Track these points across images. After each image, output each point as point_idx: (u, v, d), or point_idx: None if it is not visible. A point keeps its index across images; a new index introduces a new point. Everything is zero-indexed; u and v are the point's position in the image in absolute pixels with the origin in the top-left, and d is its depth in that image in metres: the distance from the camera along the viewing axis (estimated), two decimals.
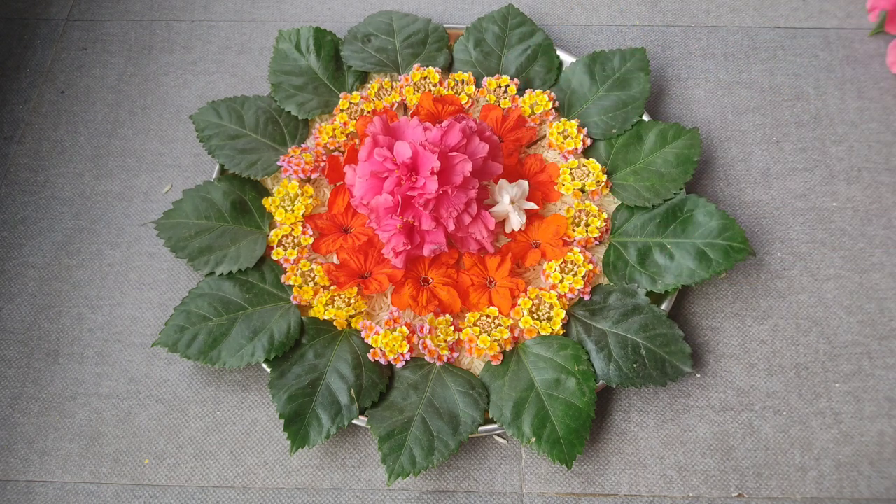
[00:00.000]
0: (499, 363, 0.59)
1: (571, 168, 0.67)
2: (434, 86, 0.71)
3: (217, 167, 0.69)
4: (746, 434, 0.59)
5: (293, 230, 0.64)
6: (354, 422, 0.57)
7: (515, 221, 0.63)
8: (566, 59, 0.74)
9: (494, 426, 0.57)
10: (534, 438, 0.55)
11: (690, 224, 0.63)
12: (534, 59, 0.73)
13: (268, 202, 0.66)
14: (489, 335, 0.59)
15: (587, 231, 0.64)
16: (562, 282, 0.61)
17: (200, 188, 0.66)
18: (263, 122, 0.70)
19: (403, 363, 0.59)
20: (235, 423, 0.60)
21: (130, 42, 0.81)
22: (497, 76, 0.71)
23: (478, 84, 0.72)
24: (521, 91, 0.72)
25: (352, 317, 0.61)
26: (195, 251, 0.63)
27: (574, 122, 0.68)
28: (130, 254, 0.68)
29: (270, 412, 0.61)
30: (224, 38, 0.81)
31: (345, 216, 0.65)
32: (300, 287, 0.62)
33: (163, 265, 0.68)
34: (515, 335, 0.60)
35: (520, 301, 0.61)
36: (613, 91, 0.71)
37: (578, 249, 0.63)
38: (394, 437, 0.56)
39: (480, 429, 0.57)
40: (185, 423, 0.61)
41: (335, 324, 0.61)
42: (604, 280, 0.63)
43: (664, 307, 0.61)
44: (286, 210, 0.65)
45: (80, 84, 0.78)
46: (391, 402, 0.58)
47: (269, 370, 0.59)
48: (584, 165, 0.67)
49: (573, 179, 0.66)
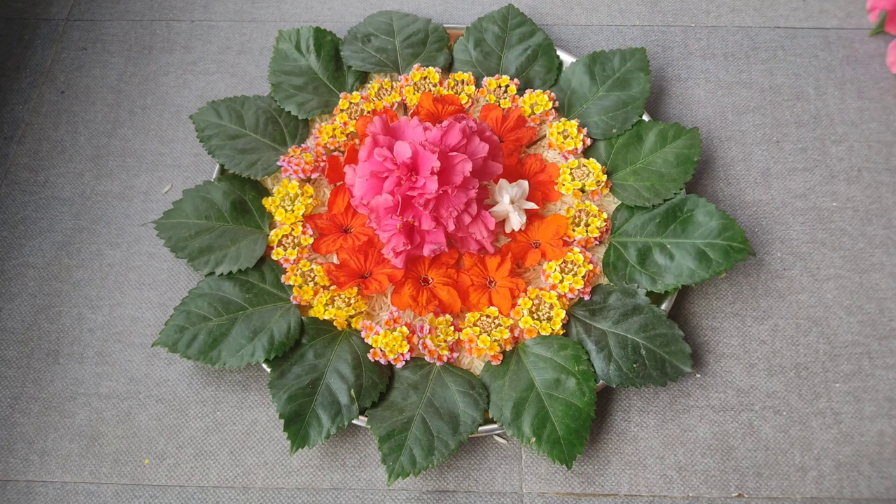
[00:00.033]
0: (499, 363, 0.59)
1: (571, 168, 0.67)
2: (434, 86, 0.71)
3: (217, 167, 0.69)
4: (746, 434, 0.59)
5: (293, 230, 0.64)
6: (354, 422, 0.57)
7: (515, 221, 0.63)
8: (566, 59, 0.74)
9: (494, 426, 0.57)
10: (534, 438, 0.55)
11: (690, 224, 0.63)
12: (534, 59, 0.73)
13: (268, 202, 0.66)
14: (489, 335, 0.59)
15: (587, 231, 0.64)
16: (562, 282, 0.61)
17: (200, 188, 0.66)
18: (263, 122, 0.70)
19: (403, 363, 0.59)
20: (235, 423, 0.60)
21: (130, 42, 0.81)
22: (497, 76, 0.71)
23: (478, 84, 0.72)
24: (521, 91, 0.72)
25: (352, 317, 0.61)
26: (195, 251, 0.63)
27: (574, 122, 0.68)
28: (130, 254, 0.68)
29: (270, 412, 0.61)
30: (224, 38, 0.81)
31: (345, 216, 0.65)
32: (300, 287, 0.62)
33: (163, 265, 0.68)
34: (515, 335, 0.60)
35: (520, 301, 0.61)
36: (613, 91, 0.71)
37: (578, 249, 0.63)
38: (394, 437, 0.56)
39: (480, 429, 0.57)
40: (185, 423, 0.61)
41: (335, 324, 0.61)
42: (604, 280, 0.63)
43: (664, 307, 0.61)
44: (286, 210, 0.65)
45: (80, 84, 0.78)
46: (391, 402, 0.58)
47: (269, 370, 0.59)
48: (584, 165, 0.67)
49: (573, 179, 0.66)
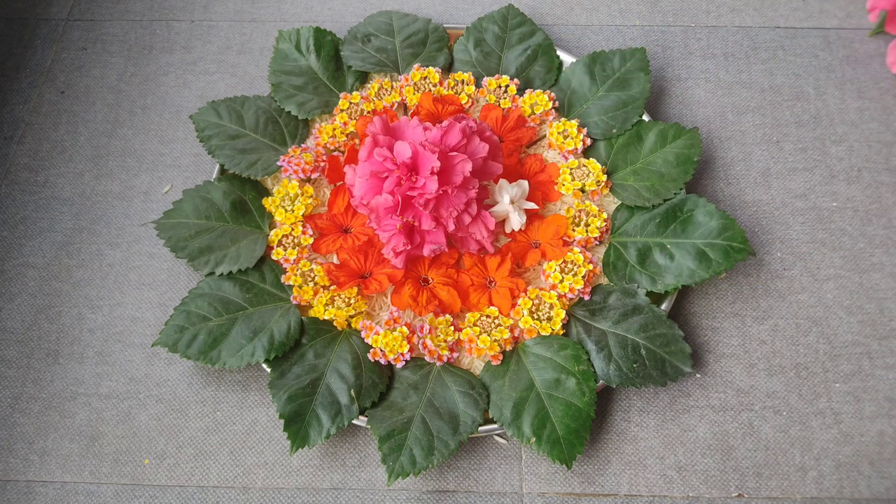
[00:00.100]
0: (499, 363, 0.59)
1: (571, 168, 0.67)
2: (434, 86, 0.71)
3: (217, 167, 0.69)
4: (746, 434, 0.59)
5: (293, 230, 0.64)
6: (354, 422, 0.57)
7: (515, 221, 0.63)
8: (566, 59, 0.74)
9: (494, 426, 0.57)
10: (534, 438, 0.55)
11: (690, 224, 0.63)
12: (534, 59, 0.73)
13: (268, 202, 0.66)
14: (489, 335, 0.59)
15: (587, 231, 0.64)
16: (562, 282, 0.61)
17: (200, 188, 0.66)
18: (263, 122, 0.70)
19: (403, 363, 0.59)
20: (235, 423, 0.60)
21: (130, 42, 0.81)
22: (497, 76, 0.71)
23: (478, 84, 0.72)
24: (521, 91, 0.72)
25: (352, 317, 0.61)
26: (195, 251, 0.63)
27: (574, 122, 0.68)
28: (130, 254, 0.68)
29: (270, 412, 0.61)
30: (224, 38, 0.81)
31: (345, 216, 0.65)
32: (300, 287, 0.62)
33: (163, 265, 0.68)
34: (515, 335, 0.60)
35: (520, 301, 0.61)
36: (613, 91, 0.71)
37: (578, 249, 0.63)
38: (394, 437, 0.56)
39: (480, 429, 0.57)
40: (185, 423, 0.61)
41: (335, 324, 0.61)
42: (604, 280, 0.63)
43: (664, 307, 0.61)
44: (286, 210, 0.65)
45: (80, 84, 0.78)
46: (391, 402, 0.58)
47: (269, 370, 0.59)
48: (584, 165, 0.67)
49: (573, 179, 0.66)
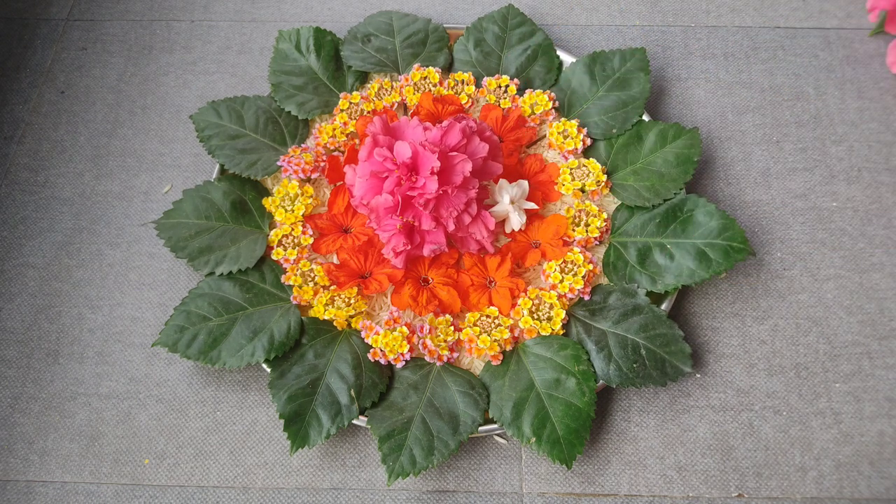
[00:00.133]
0: (499, 363, 0.59)
1: (571, 168, 0.67)
2: (434, 86, 0.71)
3: (217, 167, 0.69)
4: (746, 434, 0.59)
5: (293, 230, 0.64)
6: (354, 422, 0.57)
7: (515, 221, 0.63)
8: (566, 59, 0.74)
9: (494, 426, 0.57)
10: (534, 438, 0.55)
11: (690, 224, 0.63)
12: (534, 59, 0.73)
13: (268, 202, 0.66)
14: (489, 335, 0.59)
15: (587, 231, 0.64)
16: (562, 282, 0.61)
17: (200, 188, 0.66)
18: (263, 122, 0.70)
19: (403, 363, 0.59)
20: (235, 423, 0.60)
21: (130, 42, 0.81)
22: (497, 76, 0.71)
23: (478, 84, 0.72)
24: (521, 91, 0.72)
25: (352, 317, 0.61)
26: (195, 251, 0.63)
27: (574, 122, 0.68)
28: (130, 254, 0.68)
29: (270, 412, 0.61)
30: (224, 38, 0.81)
31: (345, 216, 0.65)
32: (300, 287, 0.62)
33: (163, 265, 0.68)
34: (515, 335, 0.60)
35: (520, 301, 0.61)
36: (613, 91, 0.71)
37: (578, 249, 0.63)
38: (394, 437, 0.56)
39: (480, 429, 0.57)
40: (185, 423, 0.61)
41: (335, 324, 0.61)
42: (604, 280, 0.63)
43: (664, 307, 0.61)
44: (286, 210, 0.65)
45: (80, 84, 0.78)
46: (391, 402, 0.58)
47: (269, 370, 0.59)
48: (584, 165, 0.67)
49: (573, 179, 0.66)
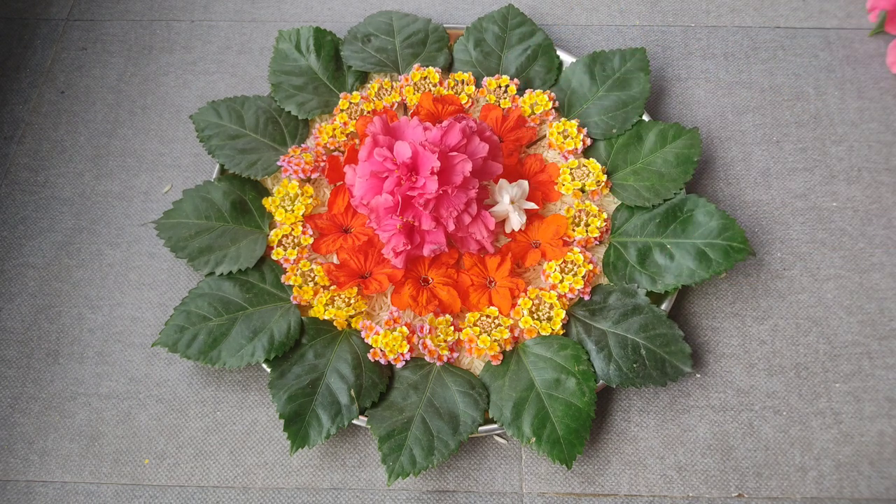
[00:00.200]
0: (499, 363, 0.59)
1: (571, 168, 0.67)
2: (434, 86, 0.71)
3: (217, 167, 0.69)
4: (746, 434, 0.59)
5: (293, 230, 0.64)
6: (354, 422, 0.57)
7: (515, 221, 0.63)
8: (566, 59, 0.74)
9: (494, 426, 0.57)
10: (534, 438, 0.55)
11: (690, 224, 0.63)
12: (534, 59, 0.73)
13: (268, 202, 0.66)
14: (489, 335, 0.59)
15: (587, 231, 0.64)
16: (562, 282, 0.61)
17: (200, 188, 0.66)
18: (263, 122, 0.70)
19: (403, 363, 0.59)
20: (235, 423, 0.60)
21: (130, 42, 0.81)
22: (497, 76, 0.71)
23: (478, 84, 0.72)
24: (521, 91, 0.72)
25: (352, 317, 0.61)
26: (195, 251, 0.63)
27: (574, 122, 0.68)
28: (130, 254, 0.68)
29: (270, 412, 0.61)
30: (224, 38, 0.81)
31: (345, 216, 0.65)
32: (300, 287, 0.62)
33: (163, 265, 0.68)
34: (515, 335, 0.60)
35: (520, 301, 0.61)
36: (613, 91, 0.71)
37: (578, 249, 0.63)
38: (394, 437, 0.56)
39: (480, 429, 0.57)
40: (185, 423, 0.61)
41: (335, 324, 0.61)
42: (604, 280, 0.63)
43: (664, 307, 0.61)
44: (286, 210, 0.65)
45: (80, 84, 0.78)
46: (391, 402, 0.58)
47: (269, 370, 0.59)
48: (584, 165, 0.67)
49: (573, 179, 0.66)
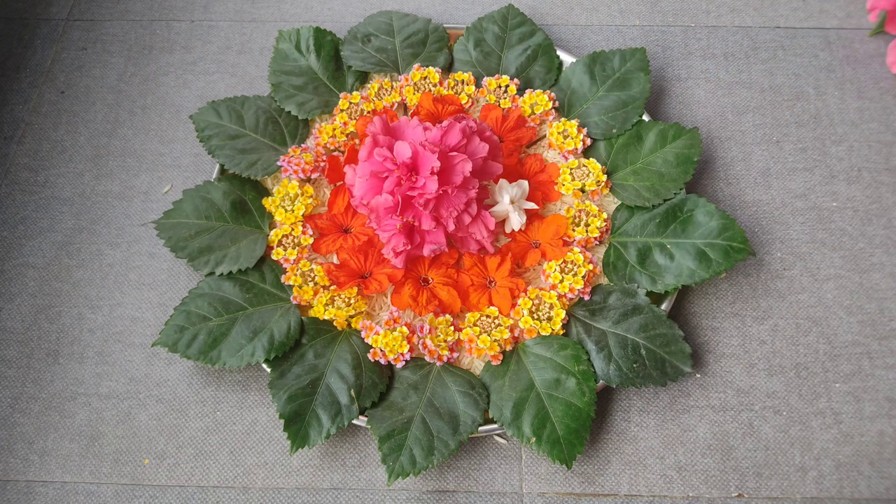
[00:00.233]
0: (499, 363, 0.59)
1: (571, 168, 0.67)
2: (434, 86, 0.71)
3: (217, 167, 0.69)
4: (746, 434, 0.59)
5: (293, 230, 0.64)
6: (354, 422, 0.57)
7: (515, 221, 0.63)
8: (566, 59, 0.74)
9: (494, 426, 0.57)
10: (534, 438, 0.55)
11: (690, 224, 0.63)
12: (534, 59, 0.73)
13: (268, 202, 0.66)
14: (489, 335, 0.59)
15: (587, 231, 0.64)
16: (562, 282, 0.61)
17: (200, 188, 0.66)
18: (263, 122, 0.70)
19: (403, 363, 0.59)
20: (235, 423, 0.60)
21: (130, 42, 0.81)
22: (497, 76, 0.71)
23: (478, 84, 0.72)
24: (521, 91, 0.72)
25: (352, 317, 0.61)
26: (195, 251, 0.63)
27: (574, 122, 0.68)
28: (130, 254, 0.68)
29: (270, 412, 0.61)
30: (224, 38, 0.81)
31: (345, 216, 0.65)
32: (300, 287, 0.62)
33: (163, 265, 0.68)
34: (515, 335, 0.60)
35: (520, 301, 0.61)
36: (613, 91, 0.71)
37: (578, 249, 0.63)
38: (394, 437, 0.56)
39: (480, 429, 0.57)
40: (185, 423, 0.61)
41: (335, 324, 0.61)
42: (604, 280, 0.63)
43: (664, 307, 0.61)
44: (286, 210, 0.65)
45: (80, 84, 0.78)
46: (391, 402, 0.58)
47: (269, 370, 0.59)
48: (584, 165, 0.67)
49: (573, 179, 0.66)
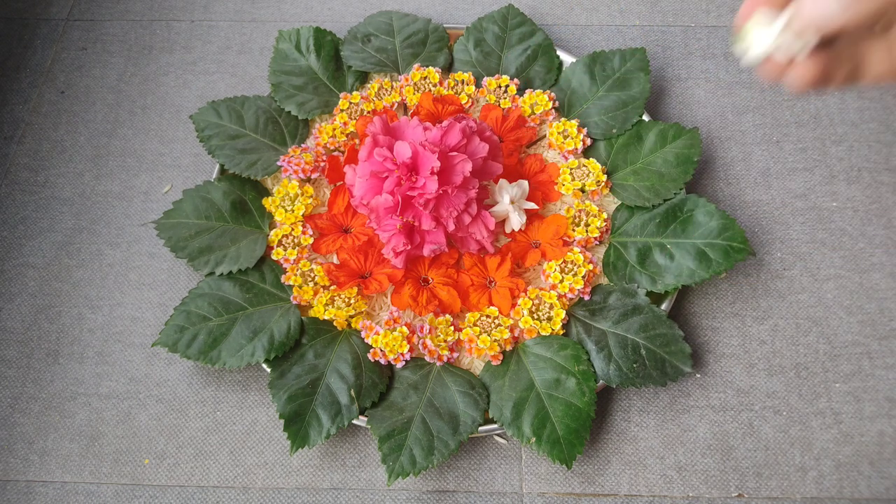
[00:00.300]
0: (499, 363, 0.59)
1: (571, 168, 0.67)
2: (434, 86, 0.71)
3: (217, 167, 0.69)
4: (746, 434, 0.59)
5: (293, 230, 0.64)
6: (354, 422, 0.57)
7: (515, 221, 0.63)
8: (566, 59, 0.74)
9: (494, 426, 0.57)
10: (534, 438, 0.55)
11: (690, 224, 0.63)
12: (534, 59, 0.73)
13: (268, 202, 0.66)
14: (489, 335, 0.59)
15: (587, 231, 0.64)
16: (562, 282, 0.61)
17: (200, 188, 0.66)
18: (263, 122, 0.70)
19: (403, 363, 0.59)
20: (235, 423, 0.60)
21: (130, 42, 0.81)
22: (497, 76, 0.71)
23: (478, 84, 0.72)
24: (521, 91, 0.72)
25: (352, 317, 0.61)
26: (195, 251, 0.63)
27: (574, 122, 0.68)
28: (130, 254, 0.68)
29: (270, 412, 0.61)
30: (224, 38, 0.81)
31: (345, 216, 0.65)
32: (300, 287, 0.62)
33: (163, 265, 0.68)
34: (515, 335, 0.60)
35: (520, 301, 0.61)
36: (613, 91, 0.71)
37: (578, 249, 0.63)
38: (394, 437, 0.56)
39: (480, 429, 0.57)
40: (185, 423, 0.61)
41: (335, 324, 0.61)
42: (604, 280, 0.63)
43: (664, 307, 0.61)
44: (286, 210, 0.65)
45: (80, 84, 0.78)
46: (391, 402, 0.58)
47: (269, 370, 0.59)
48: (584, 165, 0.67)
49: (573, 179, 0.66)
